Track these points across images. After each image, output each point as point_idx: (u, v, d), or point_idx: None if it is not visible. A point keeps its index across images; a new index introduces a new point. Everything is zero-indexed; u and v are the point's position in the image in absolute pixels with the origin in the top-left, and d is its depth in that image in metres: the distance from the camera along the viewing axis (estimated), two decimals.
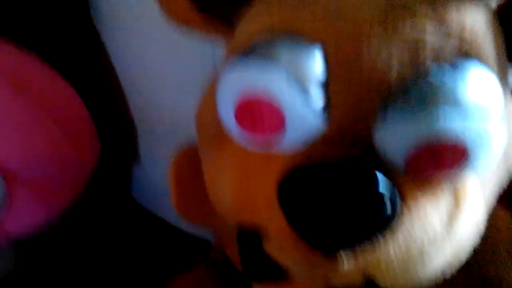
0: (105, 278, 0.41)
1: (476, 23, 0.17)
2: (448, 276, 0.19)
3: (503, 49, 0.18)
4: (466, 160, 0.16)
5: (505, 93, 0.17)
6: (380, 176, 0.16)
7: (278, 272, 0.26)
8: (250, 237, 0.19)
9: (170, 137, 0.43)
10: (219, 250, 0.35)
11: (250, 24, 0.19)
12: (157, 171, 0.47)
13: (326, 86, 0.17)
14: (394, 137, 0.16)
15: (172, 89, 0.40)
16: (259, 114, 0.17)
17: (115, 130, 0.46)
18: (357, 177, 0.16)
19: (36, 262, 0.39)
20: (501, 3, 0.18)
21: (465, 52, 0.16)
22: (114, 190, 0.50)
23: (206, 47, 0.35)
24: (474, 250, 0.20)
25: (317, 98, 0.17)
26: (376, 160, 0.17)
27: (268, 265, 0.26)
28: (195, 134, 0.32)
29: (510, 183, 0.22)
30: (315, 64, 0.16)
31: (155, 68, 0.40)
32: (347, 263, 0.17)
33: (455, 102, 0.15)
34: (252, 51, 0.17)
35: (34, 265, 0.39)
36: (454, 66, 0.16)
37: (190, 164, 0.30)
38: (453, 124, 0.15)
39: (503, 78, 0.17)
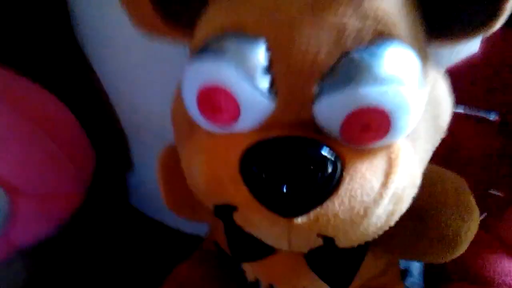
0: (108, 281, 0.44)
1: (391, 6, 0.20)
2: (393, 225, 0.22)
3: (421, 25, 0.21)
4: (389, 123, 0.19)
5: (423, 63, 0.20)
6: (321, 145, 0.19)
7: (261, 250, 0.29)
8: (225, 213, 0.22)
9: (159, 143, 0.45)
10: (210, 240, 0.37)
11: (204, 26, 0.22)
12: (150, 176, 0.50)
13: (271, 72, 0.20)
14: (328, 110, 0.19)
15: (157, 97, 0.42)
16: (217, 101, 0.20)
17: (107, 141, 0.49)
18: (303, 147, 0.19)
19: (43, 271, 0.42)
20: None
21: (381, 32, 0.19)
22: (112, 198, 0.52)
23: (180, 55, 0.38)
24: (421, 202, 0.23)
25: (264, 83, 0.20)
26: (317, 131, 0.20)
27: (250, 243, 0.28)
28: None
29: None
30: (258, 54, 0.19)
31: (140, 78, 0.42)
32: (302, 223, 0.20)
33: (373, 76, 0.18)
34: (206, 48, 0.20)
35: (42, 274, 0.41)
36: (371, 44, 0.19)
37: (175, 161, 0.32)
38: (373, 93, 0.18)
39: (420, 50, 0.20)
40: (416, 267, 0.42)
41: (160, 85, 0.41)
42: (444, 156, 0.27)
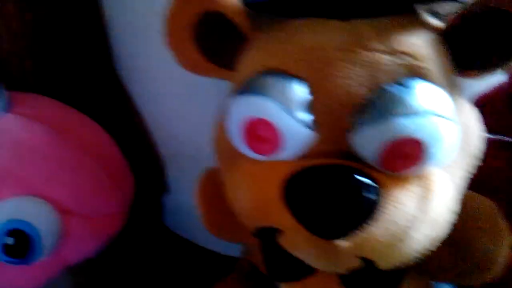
0: None
1: (420, 46, 0.22)
2: (432, 250, 0.23)
3: (450, 63, 0.23)
4: (425, 153, 0.20)
5: (454, 98, 0.22)
6: (360, 173, 0.21)
7: (299, 271, 0.30)
8: (267, 236, 0.24)
9: (194, 168, 0.47)
10: (246, 261, 0.39)
11: (246, 66, 0.24)
12: (185, 199, 0.52)
13: (312, 106, 0.22)
14: (366, 141, 0.21)
15: (193, 125, 0.44)
16: (261, 133, 0.22)
17: (145, 165, 0.51)
18: (345, 173, 0.21)
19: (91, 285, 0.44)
20: (445, 28, 0.23)
21: (412, 67, 0.21)
22: (148, 220, 0.54)
23: (222, 84, 0.40)
24: (458, 227, 0.24)
25: (305, 117, 0.22)
26: (355, 160, 0.22)
27: (289, 264, 0.30)
28: (215, 164, 0.37)
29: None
30: (299, 91, 0.21)
31: (177, 107, 0.44)
32: (344, 245, 0.21)
33: (407, 108, 0.20)
34: (250, 85, 0.22)
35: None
36: (404, 84, 0.21)
37: (213, 185, 0.34)
38: (406, 126, 0.20)
39: (449, 82, 0.22)
40: None
41: (197, 114, 0.44)
42: (477, 181, 0.28)
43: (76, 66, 0.50)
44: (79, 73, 0.50)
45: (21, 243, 0.34)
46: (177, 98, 0.44)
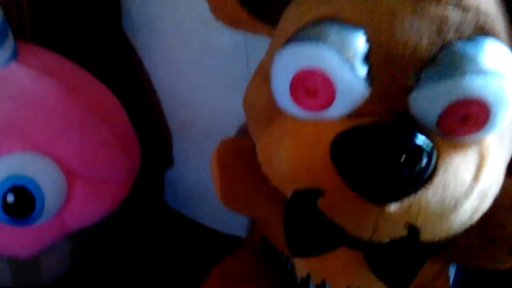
0: (143, 277, 0.44)
1: (489, 4, 0.20)
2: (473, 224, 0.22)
3: (510, 25, 0.22)
4: (488, 116, 0.19)
5: None
6: (419, 134, 0.20)
7: (321, 245, 0.29)
8: (306, 199, 0.22)
9: (205, 139, 0.45)
10: (256, 236, 0.37)
11: (298, 15, 0.22)
12: (190, 173, 0.50)
13: (369, 59, 0.20)
14: (426, 101, 0.20)
15: (206, 93, 0.42)
16: (313, 85, 0.20)
17: (149, 135, 0.49)
18: (399, 133, 0.19)
19: (84, 258, 0.42)
20: None
21: (481, 27, 0.20)
22: (149, 195, 0.52)
23: (238, 51, 0.38)
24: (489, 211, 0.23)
25: (362, 70, 0.20)
26: (413, 121, 0.20)
27: (312, 237, 0.28)
28: (227, 135, 0.35)
29: None
30: (359, 42, 0.20)
31: (188, 71, 0.42)
32: (394, 210, 0.20)
33: (475, 68, 0.19)
34: (304, 34, 0.21)
35: (83, 261, 0.42)
36: (472, 39, 0.19)
37: (232, 154, 0.33)
38: (474, 86, 0.19)
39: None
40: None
41: (211, 81, 0.41)
42: None
43: (83, 25, 0.47)
44: (86, 35, 0.48)
45: (23, 201, 0.31)
46: (190, 65, 0.42)
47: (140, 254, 0.46)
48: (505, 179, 0.27)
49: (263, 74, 0.25)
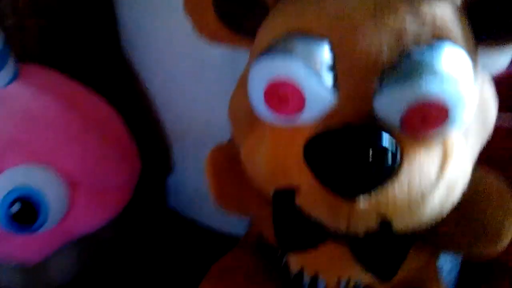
0: (147, 279, 0.46)
1: (445, 14, 0.22)
2: (444, 215, 0.23)
3: (469, 30, 0.23)
4: (448, 116, 0.21)
5: (474, 65, 0.22)
6: (384, 134, 0.21)
7: (310, 239, 0.31)
8: (285, 197, 0.24)
9: (200, 148, 0.47)
10: (252, 233, 0.39)
11: (270, 30, 0.24)
12: (189, 179, 0.52)
13: (334, 69, 0.22)
14: (389, 104, 0.21)
15: (201, 105, 0.44)
16: (284, 94, 0.22)
17: (149, 145, 0.51)
18: (366, 136, 0.21)
19: (95, 262, 0.44)
20: (465, 2, 0.23)
21: (438, 35, 0.21)
22: (152, 201, 0.54)
23: (227, 66, 0.40)
24: (467, 201, 0.25)
25: (328, 79, 0.22)
26: (378, 123, 0.22)
27: (300, 232, 0.30)
28: (221, 141, 0.37)
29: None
30: (324, 53, 0.22)
31: (185, 86, 0.44)
32: (364, 203, 0.22)
33: (432, 73, 0.20)
34: (273, 47, 0.22)
35: (88, 267, 0.44)
36: (429, 46, 0.21)
37: (224, 158, 0.34)
38: (432, 89, 0.20)
39: (470, 52, 0.22)
40: (447, 268, 0.42)
41: (204, 93, 0.43)
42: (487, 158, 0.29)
43: (82, 42, 0.49)
44: (84, 49, 0.50)
45: (29, 210, 0.33)
46: (184, 76, 0.44)
47: (145, 255, 0.47)
48: (483, 171, 0.29)
49: (244, 84, 0.27)
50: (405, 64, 0.21)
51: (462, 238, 0.28)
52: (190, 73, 0.42)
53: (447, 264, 0.43)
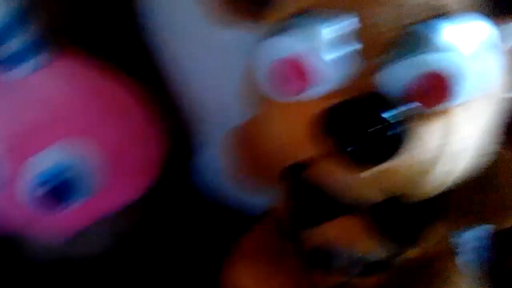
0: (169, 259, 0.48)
1: None
2: (449, 187, 0.24)
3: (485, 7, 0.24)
4: (448, 87, 0.22)
5: (483, 38, 0.23)
6: (389, 105, 0.22)
7: (322, 215, 0.32)
8: (298, 171, 0.26)
9: (221, 134, 0.49)
10: (273, 212, 0.41)
11: (276, 11, 0.25)
12: (215, 160, 0.53)
13: (338, 46, 0.23)
14: (392, 79, 0.22)
15: (225, 86, 0.44)
16: (289, 73, 0.23)
17: (172, 130, 0.53)
18: (374, 106, 0.22)
19: (121, 241, 0.47)
20: None
21: (435, 8, 0.22)
22: (177, 183, 0.57)
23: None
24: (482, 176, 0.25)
25: (331, 56, 0.23)
26: (383, 96, 0.23)
27: (313, 208, 0.31)
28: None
29: None
30: (327, 32, 0.23)
31: (198, 68, 0.46)
32: (367, 174, 0.23)
33: (433, 47, 0.21)
34: (281, 29, 0.24)
35: (119, 245, 0.47)
36: (431, 20, 0.22)
37: (244, 138, 0.36)
38: (432, 62, 0.21)
39: (479, 26, 0.23)
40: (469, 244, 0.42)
41: (231, 77, 0.44)
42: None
43: (106, 27, 0.51)
44: (108, 35, 0.52)
45: (64, 187, 0.36)
46: (198, 62, 0.46)
47: (170, 235, 0.50)
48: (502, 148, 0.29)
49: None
50: (406, 39, 0.22)
51: (480, 210, 0.29)
52: (214, 62, 0.44)
53: (469, 239, 0.43)
